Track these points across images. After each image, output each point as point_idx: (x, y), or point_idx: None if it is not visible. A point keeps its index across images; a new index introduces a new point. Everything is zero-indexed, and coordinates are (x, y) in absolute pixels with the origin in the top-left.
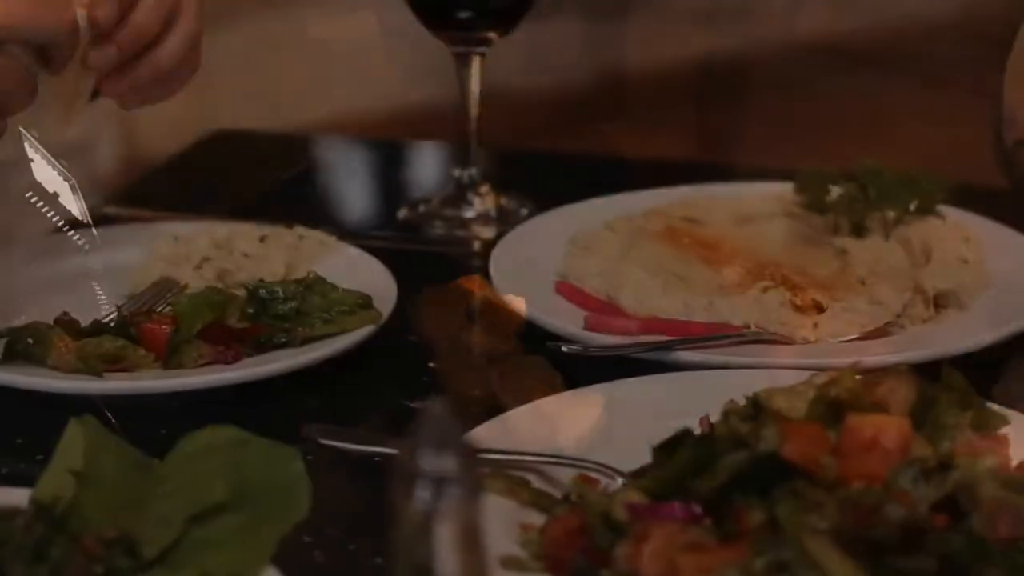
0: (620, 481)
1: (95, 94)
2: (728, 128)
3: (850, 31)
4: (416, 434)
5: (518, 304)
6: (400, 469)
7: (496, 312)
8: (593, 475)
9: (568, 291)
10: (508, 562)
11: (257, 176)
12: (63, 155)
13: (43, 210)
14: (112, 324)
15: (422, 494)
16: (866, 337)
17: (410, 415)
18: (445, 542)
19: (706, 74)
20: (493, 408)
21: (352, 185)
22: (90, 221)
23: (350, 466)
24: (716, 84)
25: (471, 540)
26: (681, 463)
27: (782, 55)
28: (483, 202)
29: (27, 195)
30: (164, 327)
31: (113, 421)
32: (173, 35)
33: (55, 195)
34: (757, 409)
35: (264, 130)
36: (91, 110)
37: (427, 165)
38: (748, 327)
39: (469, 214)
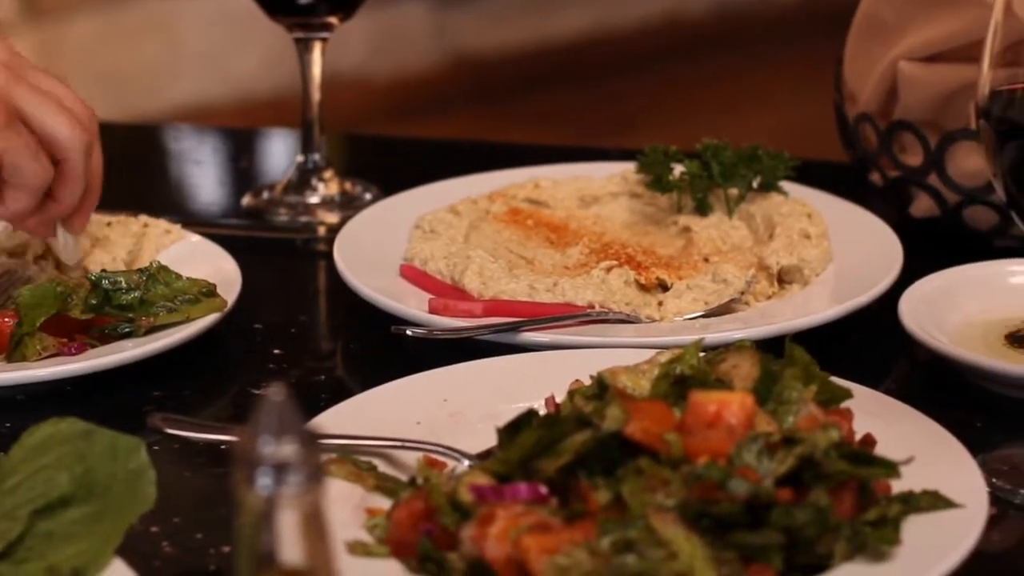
0: (466, 463)
1: None
2: (571, 110)
3: (696, 12)
4: (256, 421)
5: (363, 288)
6: (240, 456)
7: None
8: (439, 458)
9: (413, 275)
10: (354, 547)
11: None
12: None
13: None
14: None
15: (263, 481)
16: (710, 314)
17: (256, 402)
18: (288, 529)
19: (552, 58)
20: (338, 393)
21: (197, 173)
22: None
23: (196, 455)
24: (561, 67)
25: (315, 526)
26: (526, 444)
27: (629, 37)
28: (327, 187)
29: None
30: (6, 320)
31: None
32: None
33: None
34: (602, 388)
35: (107, 120)
36: None
37: (274, 153)
38: (593, 307)
39: (313, 200)
